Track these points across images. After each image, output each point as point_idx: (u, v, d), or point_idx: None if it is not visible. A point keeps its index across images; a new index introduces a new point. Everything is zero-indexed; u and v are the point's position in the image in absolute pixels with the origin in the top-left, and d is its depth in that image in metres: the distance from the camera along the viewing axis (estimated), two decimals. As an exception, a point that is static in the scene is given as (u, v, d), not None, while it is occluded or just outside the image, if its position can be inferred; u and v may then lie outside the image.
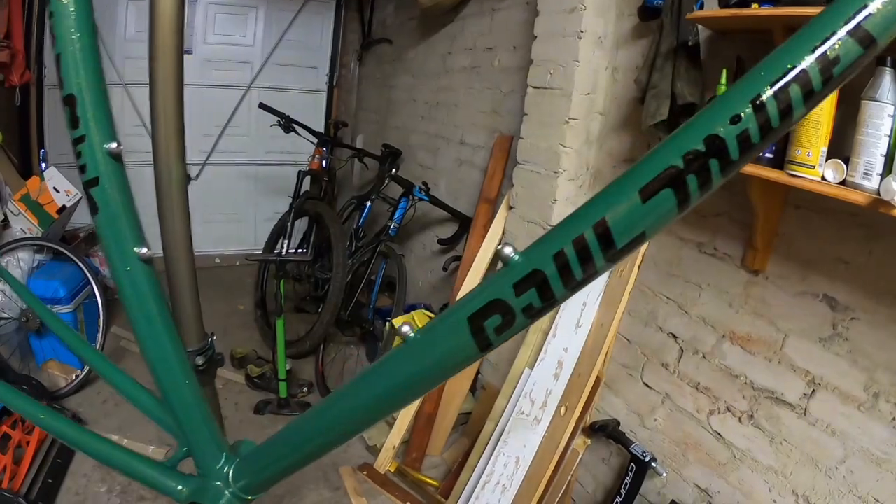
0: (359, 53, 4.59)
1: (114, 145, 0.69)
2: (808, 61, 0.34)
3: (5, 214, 3.11)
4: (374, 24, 4.36)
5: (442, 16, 3.24)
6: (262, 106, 3.60)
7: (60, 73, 0.67)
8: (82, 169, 0.69)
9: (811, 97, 0.35)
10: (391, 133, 3.95)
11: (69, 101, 0.67)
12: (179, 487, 0.74)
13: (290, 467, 0.67)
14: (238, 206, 4.98)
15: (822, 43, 0.34)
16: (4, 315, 2.95)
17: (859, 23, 0.34)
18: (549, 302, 0.39)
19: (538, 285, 0.39)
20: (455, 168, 3.13)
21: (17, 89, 3.27)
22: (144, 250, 0.75)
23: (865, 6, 0.34)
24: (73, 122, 0.67)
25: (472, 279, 2.48)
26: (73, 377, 2.98)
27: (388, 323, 2.80)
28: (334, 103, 4.95)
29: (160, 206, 0.90)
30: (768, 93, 0.34)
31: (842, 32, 0.34)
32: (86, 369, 3.02)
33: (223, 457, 0.73)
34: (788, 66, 0.34)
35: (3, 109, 3.38)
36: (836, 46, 0.34)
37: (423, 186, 3.02)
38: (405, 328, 0.48)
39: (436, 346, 0.47)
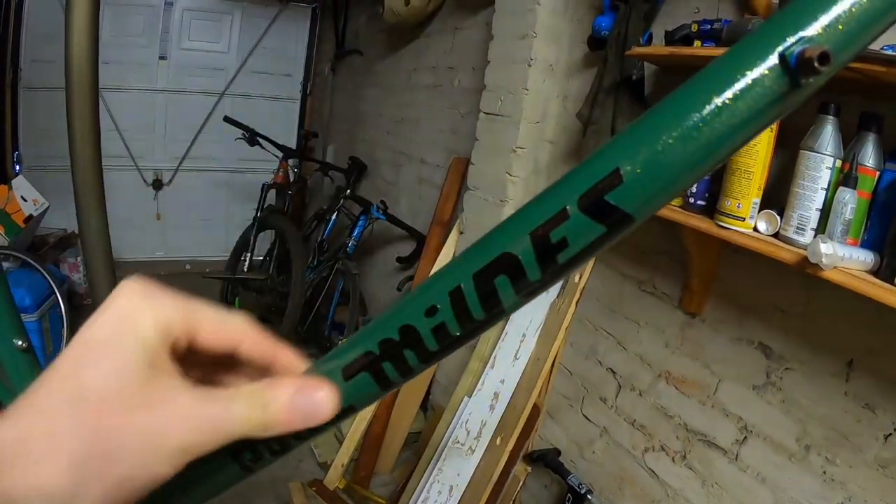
0: (332, 63, 4.52)
1: None
2: (520, 244, 0.26)
3: None
4: (348, 35, 4.29)
5: (408, 31, 3.17)
6: (227, 119, 3.53)
7: None
8: None
9: (529, 290, 0.28)
10: (360, 146, 3.89)
11: None
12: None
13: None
14: (210, 213, 4.89)
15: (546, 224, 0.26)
16: None
17: (598, 191, 0.25)
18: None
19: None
20: (415, 186, 3.06)
21: None
22: (20, 342, 0.81)
23: (616, 170, 0.24)
24: None
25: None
26: None
27: (340, 341, 2.73)
28: (307, 112, 4.87)
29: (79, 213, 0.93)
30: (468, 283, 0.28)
31: (572, 203, 0.25)
32: None
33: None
34: (497, 253, 0.27)
35: None
36: (564, 227, 0.25)
37: (380, 205, 2.96)
38: None
39: None
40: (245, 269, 3.46)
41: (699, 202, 1.46)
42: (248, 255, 3.46)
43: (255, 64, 4.69)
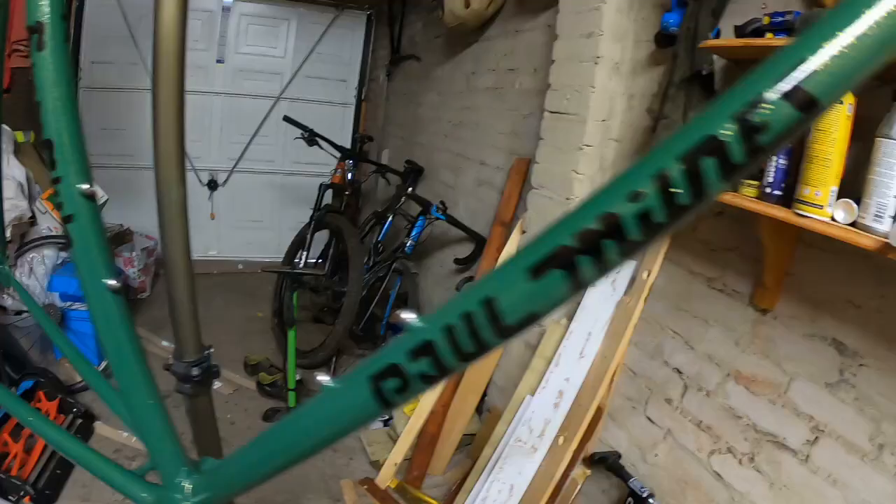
0: (387, 68, 4.68)
1: (86, 186, 0.76)
2: (727, 129, 0.29)
3: (33, 212, 3.23)
4: (403, 41, 4.47)
5: (467, 35, 3.29)
6: (287, 119, 3.70)
7: (41, 119, 0.73)
8: (59, 206, 0.76)
9: (732, 171, 0.30)
10: (416, 150, 4.02)
11: (47, 145, 0.73)
12: (143, 495, 0.80)
13: (245, 486, 0.71)
14: (263, 214, 5.10)
15: (748, 107, 0.29)
16: (26, 309, 3.06)
17: (798, 83, 0.29)
18: (442, 371, 0.41)
19: (428, 352, 0.41)
20: (475, 188, 3.17)
21: None
22: (113, 282, 0.80)
23: (804, 61, 0.29)
24: (52, 163, 0.74)
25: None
26: None
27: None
28: (362, 117, 5.06)
29: (161, 223, 0.94)
30: (676, 167, 0.30)
31: (772, 94, 0.29)
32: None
33: (184, 471, 0.77)
34: (704, 136, 0.30)
35: (35, 111, 3.54)
36: (765, 111, 0.29)
37: (440, 206, 3.07)
38: (324, 377, 0.52)
39: (341, 403, 0.51)
40: (301, 264, 3.60)
41: (776, 192, 1.49)
42: (305, 253, 3.60)
43: (310, 69, 4.91)
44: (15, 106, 3.07)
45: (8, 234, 2.92)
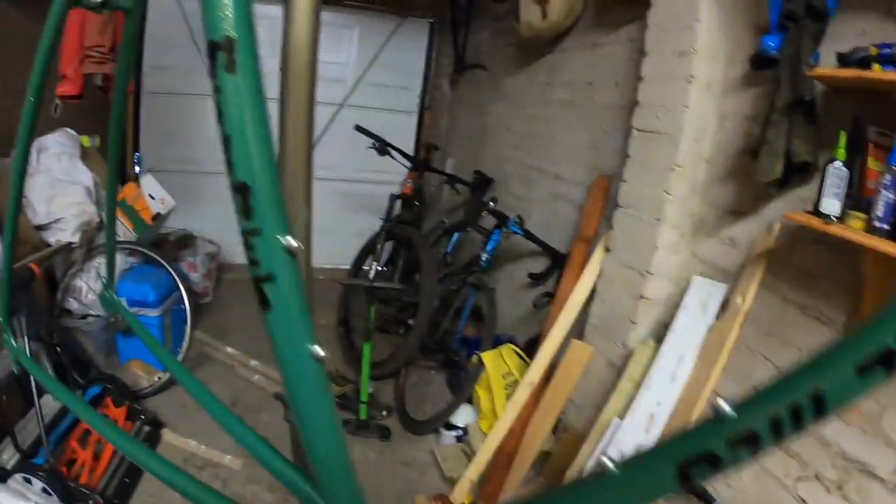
0: (451, 76, 4.71)
1: (291, 240, 0.64)
2: None
3: (101, 217, 3.28)
4: (469, 49, 4.48)
5: (541, 46, 3.29)
6: (359, 128, 3.75)
7: (230, 157, 0.63)
8: (253, 262, 0.65)
9: None
10: (483, 160, 4.04)
11: (241, 189, 0.62)
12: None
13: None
14: (326, 220, 5.18)
15: None
16: (93, 314, 3.16)
17: None
18: (756, 453, 0.44)
19: (751, 442, 0.44)
20: (549, 201, 3.17)
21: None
22: (318, 349, 0.70)
23: None
24: (246, 212, 0.63)
25: (564, 320, 2.52)
26: (156, 379, 3.17)
27: (475, 356, 2.87)
28: (425, 125, 5.09)
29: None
30: None
31: None
32: (169, 373, 3.17)
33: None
34: None
35: (103, 117, 3.64)
36: None
37: (517, 220, 3.08)
38: (607, 462, 0.53)
39: (638, 483, 0.52)
40: (371, 275, 3.65)
41: (884, 226, 1.48)
42: (375, 264, 3.65)
43: (373, 76, 4.97)
44: (81, 109, 3.12)
45: (76, 238, 3.01)
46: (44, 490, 2.12)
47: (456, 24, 4.53)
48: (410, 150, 5.00)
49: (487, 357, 2.68)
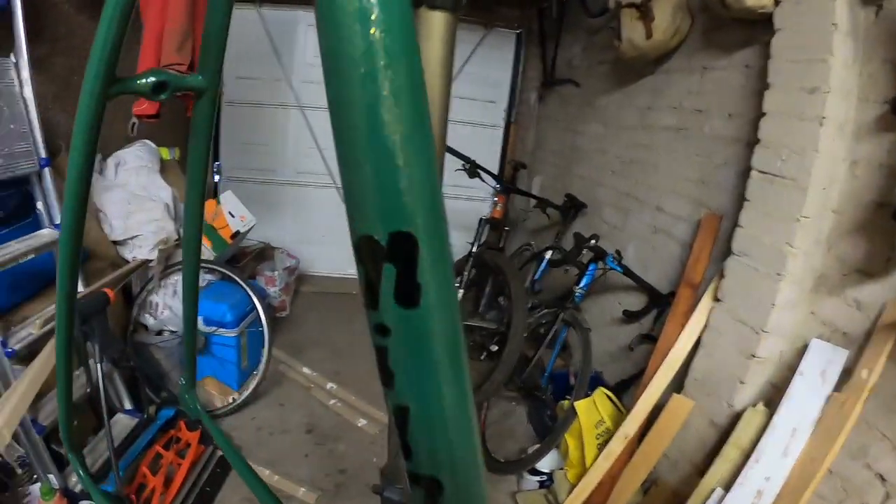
0: (539, 91, 4.57)
1: None
2: None
3: (179, 233, 3.29)
4: (559, 63, 4.32)
5: (643, 66, 3.12)
6: (448, 149, 3.67)
7: None
8: None
9: None
10: (574, 182, 3.89)
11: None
12: None
13: None
14: (410, 237, 5.16)
15: None
16: (171, 329, 3.19)
17: None
18: None
19: None
20: (648, 235, 3.00)
21: None
22: None
23: None
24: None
25: (665, 373, 2.38)
26: (230, 399, 3.19)
27: (567, 401, 2.75)
28: (511, 140, 4.98)
29: None
30: None
31: None
32: (244, 393, 3.21)
33: None
34: None
35: (184, 128, 3.67)
36: None
37: (616, 255, 2.93)
38: None
39: None
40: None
41: None
42: (461, 291, 3.59)
43: (458, 89, 4.89)
44: (160, 123, 3.14)
45: (154, 255, 3.02)
46: None
47: (545, 36, 4.39)
48: (496, 166, 4.91)
49: (581, 406, 2.57)
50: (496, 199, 4.10)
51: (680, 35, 2.84)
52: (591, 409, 2.58)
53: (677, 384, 2.42)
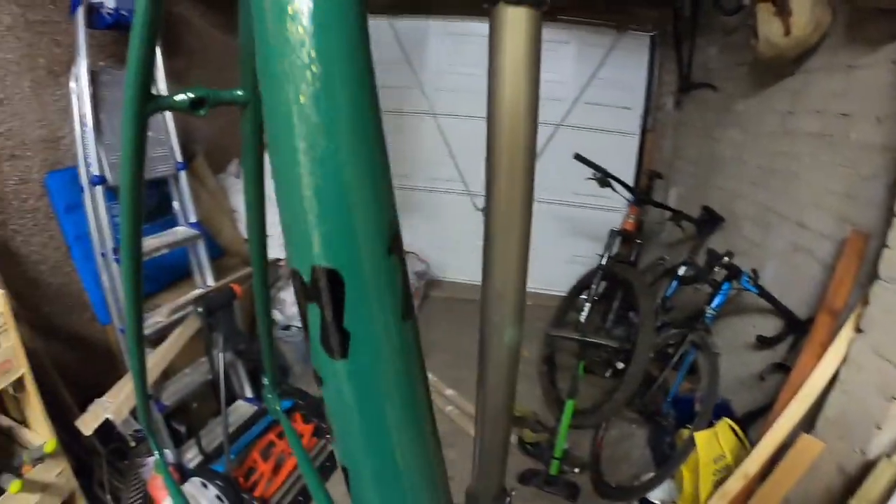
0: (676, 96, 4.34)
1: None
2: None
3: None
4: (695, 66, 4.08)
5: (781, 66, 2.86)
6: (578, 157, 3.60)
7: None
8: None
9: None
10: (712, 193, 3.64)
11: None
12: None
13: None
14: (537, 244, 5.02)
15: None
16: (297, 325, 3.39)
17: None
18: None
19: None
20: (788, 253, 2.74)
21: None
22: None
23: None
24: None
25: (795, 410, 2.16)
26: None
27: (687, 429, 2.60)
28: (647, 149, 4.76)
29: (482, 364, 0.81)
30: None
31: None
32: None
33: None
34: None
35: None
36: None
37: (751, 275, 2.72)
38: None
39: None
40: (583, 319, 3.50)
41: None
42: (588, 305, 3.50)
43: (591, 95, 4.79)
44: None
45: (284, 254, 3.26)
46: (217, 497, 2.31)
47: (679, 38, 4.15)
48: (631, 176, 4.72)
49: (701, 438, 2.40)
50: (629, 210, 3.95)
51: (820, 30, 2.57)
52: (712, 442, 2.40)
53: (808, 422, 2.19)
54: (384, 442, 0.38)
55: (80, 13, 2.40)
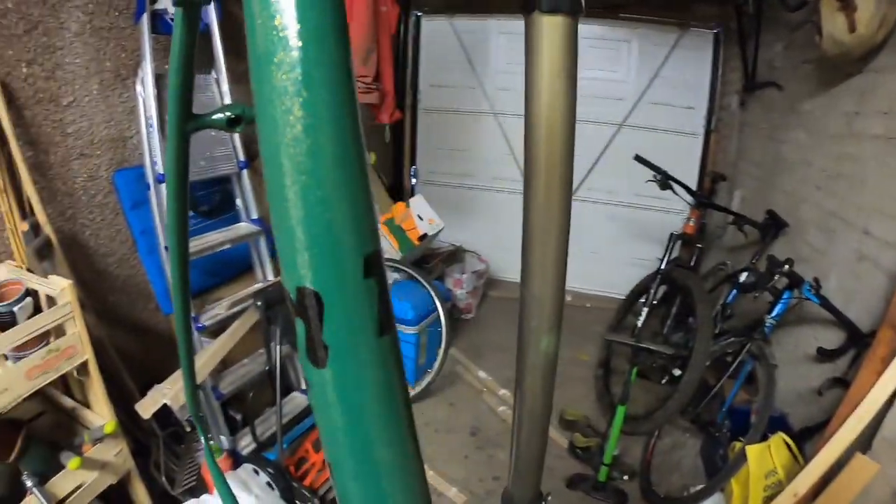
0: (741, 95, 4.20)
1: None
2: None
3: None
4: (760, 64, 3.94)
5: (846, 65, 2.74)
6: (638, 158, 3.56)
7: None
8: None
9: None
10: (777, 197, 3.51)
11: None
12: None
13: None
14: (598, 246, 5.08)
15: None
16: None
17: None
18: None
19: None
20: (853, 262, 2.62)
21: (387, 126, 3.77)
22: None
23: None
24: None
25: (852, 427, 2.07)
26: None
27: (739, 442, 2.53)
28: (710, 150, 4.62)
29: (520, 370, 0.84)
30: None
31: None
32: (417, 389, 3.46)
33: None
34: None
35: (376, 136, 3.94)
36: None
37: (813, 284, 2.62)
38: None
39: None
40: (640, 324, 3.46)
41: None
42: (646, 309, 3.45)
43: (654, 94, 4.70)
44: None
45: None
46: (268, 484, 2.42)
47: (744, 35, 4.01)
48: (694, 177, 4.60)
49: (753, 451, 2.34)
50: (690, 213, 3.86)
51: (887, 27, 2.45)
52: (765, 457, 2.34)
53: (865, 442, 2.10)
54: (362, 442, 0.43)
55: (145, 19, 2.52)
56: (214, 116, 0.60)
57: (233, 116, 0.61)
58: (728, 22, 4.27)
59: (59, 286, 1.99)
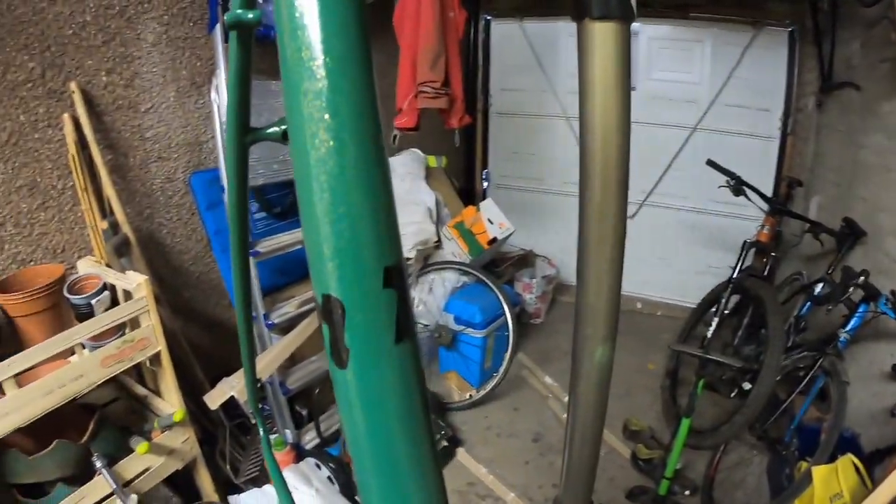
0: (817, 97, 4.01)
1: None
2: None
3: (439, 236, 3.61)
4: (836, 63, 3.75)
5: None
6: (711, 163, 3.50)
7: None
8: None
9: None
10: (855, 204, 3.34)
11: None
12: None
13: None
14: (668, 252, 4.98)
15: None
16: (423, 323, 3.60)
17: None
18: None
19: None
20: (931, 275, 2.49)
21: (456, 131, 3.87)
22: None
23: None
24: None
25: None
26: (468, 396, 3.48)
27: (805, 462, 2.46)
28: (787, 154, 4.43)
29: (573, 382, 0.86)
30: None
31: None
32: (481, 392, 3.48)
33: None
34: None
35: (446, 140, 4.01)
36: None
37: (890, 297, 2.51)
38: None
39: None
40: (709, 335, 3.38)
41: None
42: (717, 319, 3.37)
43: (728, 96, 4.56)
44: (425, 133, 3.46)
45: (413, 254, 3.42)
46: (329, 478, 2.50)
47: (819, 33, 3.83)
48: (770, 183, 4.42)
49: (819, 473, 2.27)
50: (764, 220, 3.74)
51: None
52: (831, 479, 2.26)
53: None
54: (379, 439, 0.48)
55: (219, 30, 2.65)
56: (269, 129, 0.63)
57: (286, 130, 0.66)
58: (803, 19, 4.09)
59: (135, 281, 2.11)
